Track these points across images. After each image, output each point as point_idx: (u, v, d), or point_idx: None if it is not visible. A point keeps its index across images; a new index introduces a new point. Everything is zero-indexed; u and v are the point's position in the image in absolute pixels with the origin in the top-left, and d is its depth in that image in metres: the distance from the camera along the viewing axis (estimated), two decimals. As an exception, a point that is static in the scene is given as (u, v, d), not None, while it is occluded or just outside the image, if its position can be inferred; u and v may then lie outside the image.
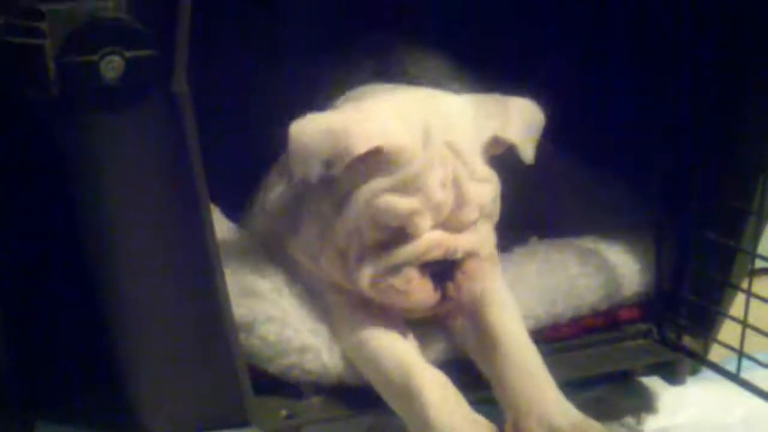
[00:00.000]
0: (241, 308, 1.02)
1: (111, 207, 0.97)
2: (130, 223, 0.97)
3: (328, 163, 0.95)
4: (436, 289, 0.99)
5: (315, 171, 0.95)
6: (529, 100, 1.05)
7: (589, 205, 1.31)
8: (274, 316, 1.04)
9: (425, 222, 0.98)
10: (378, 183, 0.97)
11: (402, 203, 0.97)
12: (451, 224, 0.99)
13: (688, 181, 1.15)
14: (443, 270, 0.99)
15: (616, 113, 1.34)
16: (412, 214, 0.97)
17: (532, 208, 1.27)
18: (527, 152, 1.03)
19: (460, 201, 0.98)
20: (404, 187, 0.97)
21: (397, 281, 0.99)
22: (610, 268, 1.19)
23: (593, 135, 1.34)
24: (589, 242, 1.22)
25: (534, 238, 1.23)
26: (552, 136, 1.33)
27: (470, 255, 1.00)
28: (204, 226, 0.95)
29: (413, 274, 0.99)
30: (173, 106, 0.89)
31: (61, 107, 0.90)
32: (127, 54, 0.87)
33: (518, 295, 1.12)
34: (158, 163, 0.93)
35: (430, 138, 0.98)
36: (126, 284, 1.01)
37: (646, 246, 1.21)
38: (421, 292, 0.99)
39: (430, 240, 0.98)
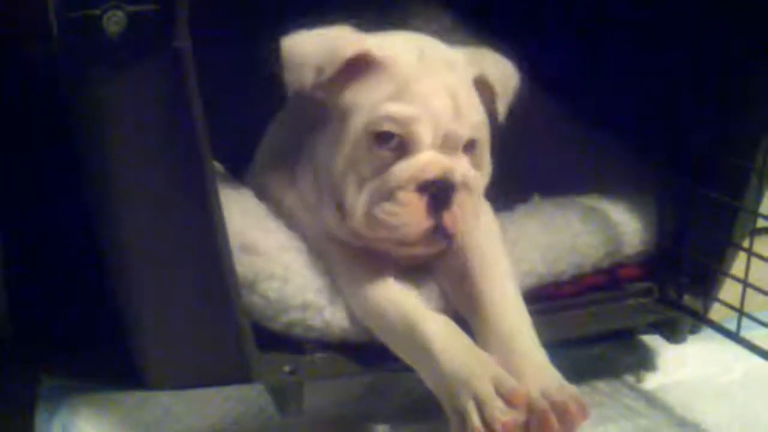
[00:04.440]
0: (242, 265, 1.02)
1: (113, 162, 0.97)
2: (132, 181, 0.97)
3: (320, 69, 0.97)
4: (429, 216, 0.98)
5: (308, 78, 0.97)
6: (507, 60, 1.09)
7: (592, 163, 1.30)
8: (276, 273, 1.04)
9: (426, 131, 0.98)
10: (377, 94, 0.99)
11: (402, 109, 0.98)
12: (448, 142, 0.99)
13: (690, 140, 1.15)
14: (439, 198, 0.98)
15: (618, 72, 1.33)
16: (412, 121, 0.98)
17: (535, 166, 1.27)
18: (501, 108, 1.06)
19: (457, 112, 1.00)
20: (402, 95, 0.99)
21: (390, 205, 0.98)
22: (612, 227, 1.19)
23: (595, 94, 1.33)
24: (591, 200, 1.22)
25: (536, 196, 1.22)
26: (555, 96, 1.33)
27: (467, 184, 1.00)
28: (206, 182, 0.95)
29: (409, 197, 0.98)
30: (175, 61, 0.89)
31: (63, 62, 0.90)
32: (129, 8, 0.87)
33: (520, 252, 1.12)
34: (160, 118, 0.93)
35: (424, 54, 1.02)
36: (129, 242, 1.01)
37: (648, 204, 1.21)
38: (414, 216, 0.98)
39: (428, 158, 0.99)
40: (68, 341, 1.18)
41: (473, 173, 1.02)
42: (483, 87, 1.06)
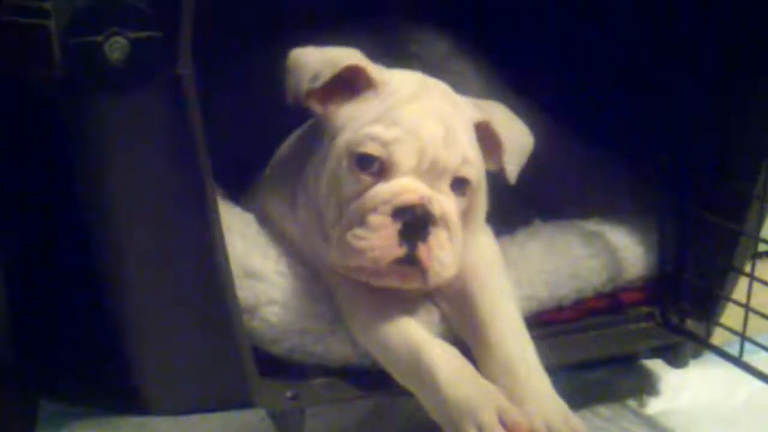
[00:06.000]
0: (244, 290, 1.02)
1: (114, 188, 0.97)
2: (134, 205, 0.97)
3: (316, 76, 0.98)
4: (401, 244, 0.96)
5: (304, 84, 0.99)
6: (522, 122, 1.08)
7: (593, 187, 1.31)
8: (277, 298, 1.04)
9: (408, 156, 0.97)
10: (366, 115, 0.99)
11: (385, 131, 0.97)
12: (435, 170, 0.98)
13: (692, 164, 1.15)
14: (414, 227, 0.95)
15: (619, 95, 1.33)
16: (394, 143, 0.97)
17: (536, 191, 1.27)
18: (510, 165, 1.05)
19: (448, 141, 0.98)
20: (389, 117, 0.98)
21: (361, 230, 0.96)
22: (613, 251, 1.19)
23: (597, 118, 1.34)
24: (592, 225, 1.22)
25: (538, 221, 1.23)
26: (556, 119, 1.34)
27: (446, 220, 0.97)
28: (207, 207, 0.95)
29: (381, 221, 0.95)
30: (177, 88, 0.89)
31: (65, 88, 0.90)
32: (132, 35, 0.87)
33: (522, 277, 1.12)
34: (162, 144, 0.94)
35: (425, 83, 1.03)
36: (129, 266, 1.01)
37: (649, 229, 1.21)
38: (384, 242, 0.95)
39: (406, 183, 0.97)
40: (68, 366, 1.18)
41: (454, 213, 0.99)
42: (488, 136, 1.04)
